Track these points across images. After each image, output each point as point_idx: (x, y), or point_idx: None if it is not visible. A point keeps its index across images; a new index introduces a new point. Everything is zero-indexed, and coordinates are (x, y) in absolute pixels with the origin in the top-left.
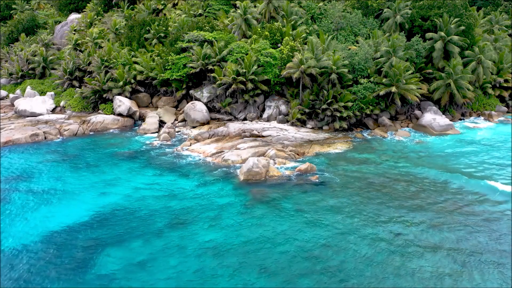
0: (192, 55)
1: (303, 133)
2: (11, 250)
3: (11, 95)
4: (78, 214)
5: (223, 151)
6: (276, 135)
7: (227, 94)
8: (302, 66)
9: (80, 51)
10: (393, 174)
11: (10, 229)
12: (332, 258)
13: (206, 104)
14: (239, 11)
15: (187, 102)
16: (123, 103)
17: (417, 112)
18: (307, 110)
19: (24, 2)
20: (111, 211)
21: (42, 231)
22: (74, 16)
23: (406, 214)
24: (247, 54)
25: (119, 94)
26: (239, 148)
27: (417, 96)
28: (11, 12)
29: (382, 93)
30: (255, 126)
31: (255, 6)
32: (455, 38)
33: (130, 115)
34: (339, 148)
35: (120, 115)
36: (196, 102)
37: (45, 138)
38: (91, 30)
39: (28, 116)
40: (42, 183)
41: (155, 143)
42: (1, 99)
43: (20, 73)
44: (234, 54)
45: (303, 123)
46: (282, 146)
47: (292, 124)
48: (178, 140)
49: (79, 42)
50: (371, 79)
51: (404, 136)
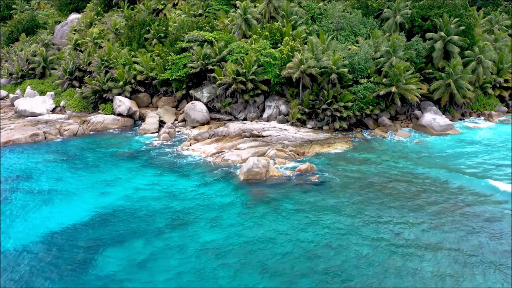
0: (192, 55)
1: (303, 133)
2: (12, 250)
3: (11, 95)
4: (78, 214)
5: (223, 151)
6: (276, 135)
7: (227, 94)
8: (302, 66)
9: (80, 51)
10: (393, 174)
11: (11, 229)
12: (333, 258)
13: (206, 104)
14: (239, 11)
15: (187, 102)
16: (123, 103)
17: (417, 112)
18: (307, 110)
19: (24, 2)
20: (111, 211)
21: (42, 231)
22: (74, 16)
23: (407, 214)
24: (247, 54)
25: (119, 94)
26: (239, 148)
27: (417, 96)
28: (11, 12)
29: (382, 93)
30: (255, 126)
31: (255, 6)
32: (455, 38)
33: (130, 115)
34: (339, 148)
35: (120, 115)
36: (196, 102)
37: (45, 138)
38: (91, 30)
39: (28, 116)
40: (42, 183)
41: (155, 143)
42: (1, 99)
43: (20, 73)
44: (234, 54)
45: (303, 123)
46: (282, 146)
47: (292, 124)
48: (178, 140)
49: (79, 42)
50: (371, 79)
51: (404, 136)
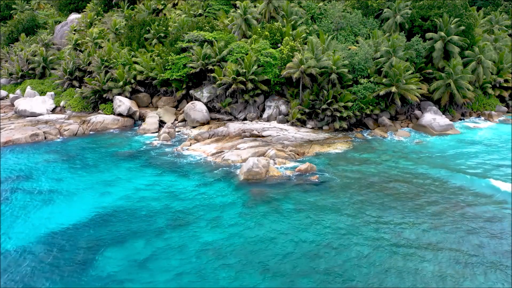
0: (192, 55)
1: (303, 133)
2: (12, 250)
3: (11, 95)
4: (78, 214)
5: (223, 151)
6: (276, 135)
7: (227, 94)
8: (302, 66)
9: (80, 51)
10: (393, 174)
11: (11, 229)
12: (334, 258)
13: (206, 104)
14: (239, 11)
15: (187, 102)
16: (123, 103)
17: (417, 112)
18: (307, 110)
19: (24, 2)
20: (111, 211)
21: (42, 231)
22: (74, 16)
23: (407, 214)
24: (247, 54)
25: (119, 94)
26: (239, 148)
27: (417, 96)
28: (11, 12)
29: (382, 93)
30: (255, 126)
31: (255, 6)
32: (455, 38)
33: (130, 115)
34: (339, 148)
35: (120, 115)
36: (196, 102)
37: (45, 138)
38: (91, 30)
39: (28, 116)
40: (42, 183)
41: (155, 143)
42: (1, 99)
43: (20, 73)
44: (234, 54)
45: (303, 123)
46: (282, 146)
47: (292, 124)
48: (178, 140)
49: (79, 42)
50: (371, 79)
51: (404, 136)
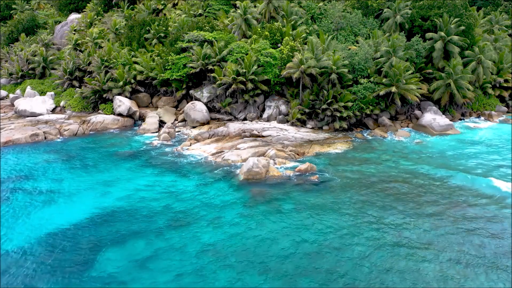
0: (192, 55)
1: (303, 133)
2: (12, 250)
3: (11, 95)
4: (78, 214)
5: (223, 151)
6: (276, 135)
7: (227, 94)
8: (302, 66)
9: (80, 51)
10: (393, 174)
11: (11, 230)
12: (334, 258)
13: (206, 104)
14: (239, 11)
15: (187, 102)
16: (123, 103)
17: (417, 112)
18: (307, 110)
19: (24, 2)
20: (112, 211)
21: (43, 231)
22: (74, 16)
23: (408, 214)
24: (247, 54)
25: (119, 94)
26: (239, 148)
27: (417, 96)
28: (11, 12)
29: (382, 93)
30: (255, 126)
31: (255, 6)
32: (455, 38)
33: (130, 115)
34: (339, 148)
35: (120, 115)
36: (196, 102)
37: (45, 138)
38: (91, 30)
39: (28, 116)
40: (42, 183)
41: (155, 143)
42: (1, 99)
43: (20, 73)
44: (234, 54)
45: (303, 123)
46: (282, 146)
47: (292, 124)
48: (178, 140)
49: (79, 42)
50: (371, 79)
51: (404, 136)
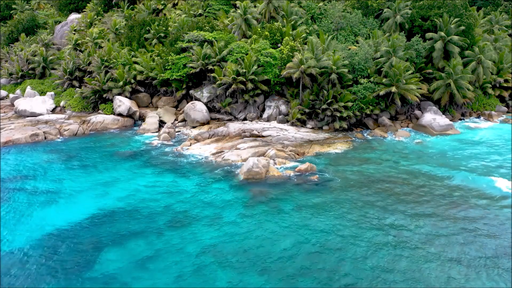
0: (192, 55)
1: (303, 133)
2: (12, 250)
3: (11, 95)
4: (78, 214)
5: (223, 151)
6: (276, 135)
7: (227, 94)
8: (302, 66)
9: (80, 51)
10: (393, 174)
11: (11, 230)
12: (334, 258)
13: (206, 104)
14: (239, 11)
15: (187, 102)
16: (123, 103)
17: (417, 112)
18: (307, 110)
19: (24, 2)
20: (111, 211)
21: (43, 231)
22: (74, 16)
23: (408, 214)
24: (247, 54)
25: (119, 94)
26: (239, 148)
27: (417, 96)
28: (11, 12)
29: (382, 93)
30: (255, 126)
31: (255, 6)
32: (455, 38)
33: (130, 115)
34: (339, 148)
35: (120, 115)
36: (196, 102)
37: (45, 138)
38: (91, 30)
39: (28, 116)
40: (42, 183)
41: (155, 143)
42: (1, 99)
43: (20, 73)
44: (234, 54)
45: (303, 123)
46: (282, 146)
47: (292, 124)
48: (178, 140)
49: (79, 42)
50: (371, 79)
51: (404, 136)
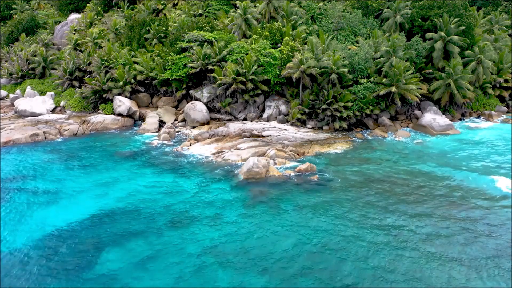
0: (192, 55)
1: (303, 133)
2: (12, 250)
3: (11, 95)
4: (78, 214)
5: (223, 151)
6: (276, 135)
7: (227, 94)
8: (302, 66)
9: (80, 51)
10: (394, 174)
11: (11, 230)
12: (334, 258)
13: (206, 104)
14: (239, 11)
15: (187, 102)
16: (123, 103)
17: (417, 112)
18: (307, 110)
19: (24, 2)
20: (111, 210)
21: (42, 231)
22: (74, 16)
23: (409, 215)
24: (247, 54)
25: (119, 94)
26: (239, 148)
27: (417, 96)
28: (11, 12)
29: (382, 93)
30: (255, 126)
31: (255, 6)
32: (455, 38)
33: (130, 115)
34: (339, 148)
35: (120, 115)
36: (196, 102)
37: (45, 138)
38: (91, 30)
39: (28, 116)
40: (42, 183)
41: (155, 143)
42: (1, 99)
43: (20, 73)
44: (234, 54)
45: (303, 123)
46: (282, 146)
47: (292, 124)
48: (178, 140)
49: (79, 42)
50: (371, 79)
51: (404, 136)
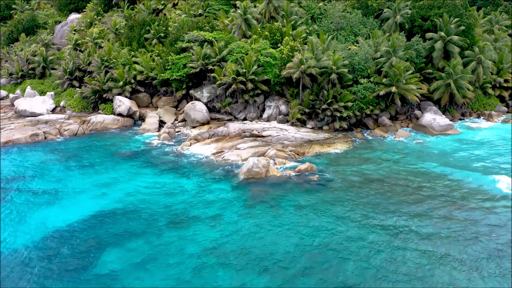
0: (192, 55)
1: (303, 133)
2: (12, 250)
3: (11, 95)
4: (78, 214)
5: (223, 151)
6: (276, 135)
7: (227, 94)
8: (302, 66)
9: (80, 51)
10: (394, 174)
11: (10, 229)
12: (334, 259)
13: (206, 104)
14: (239, 11)
15: (187, 102)
16: (123, 103)
17: (417, 112)
18: (307, 110)
19: (24, 2)
20: (111, 210)
21: (42, 231)
22: (74, 16)
23: (409, 215)
24: (247, 54)
25: (119, 94)
26: (239, 148)
27: (417, 96)
28: (11, 12)
29: (382, 93)
30: (255, 126)
31: (255, 6)
32: (455, 38)
33: (130, 115)
34: (339, 148)
35: (120, 115)
36: (196, 102)
37: (45, 138)
38: (91, 30)
39: (28, 116)
40: (42, 183)
41: (155, 143)
42: (1, 99)
43: (20, 73)
44: (234, 54)
45: (303, 123)
46: (282, 146)
47: (292, 124)
48: (178, 140)
49: (79, 42)
50: (371, 79)
51: (404, 136)
